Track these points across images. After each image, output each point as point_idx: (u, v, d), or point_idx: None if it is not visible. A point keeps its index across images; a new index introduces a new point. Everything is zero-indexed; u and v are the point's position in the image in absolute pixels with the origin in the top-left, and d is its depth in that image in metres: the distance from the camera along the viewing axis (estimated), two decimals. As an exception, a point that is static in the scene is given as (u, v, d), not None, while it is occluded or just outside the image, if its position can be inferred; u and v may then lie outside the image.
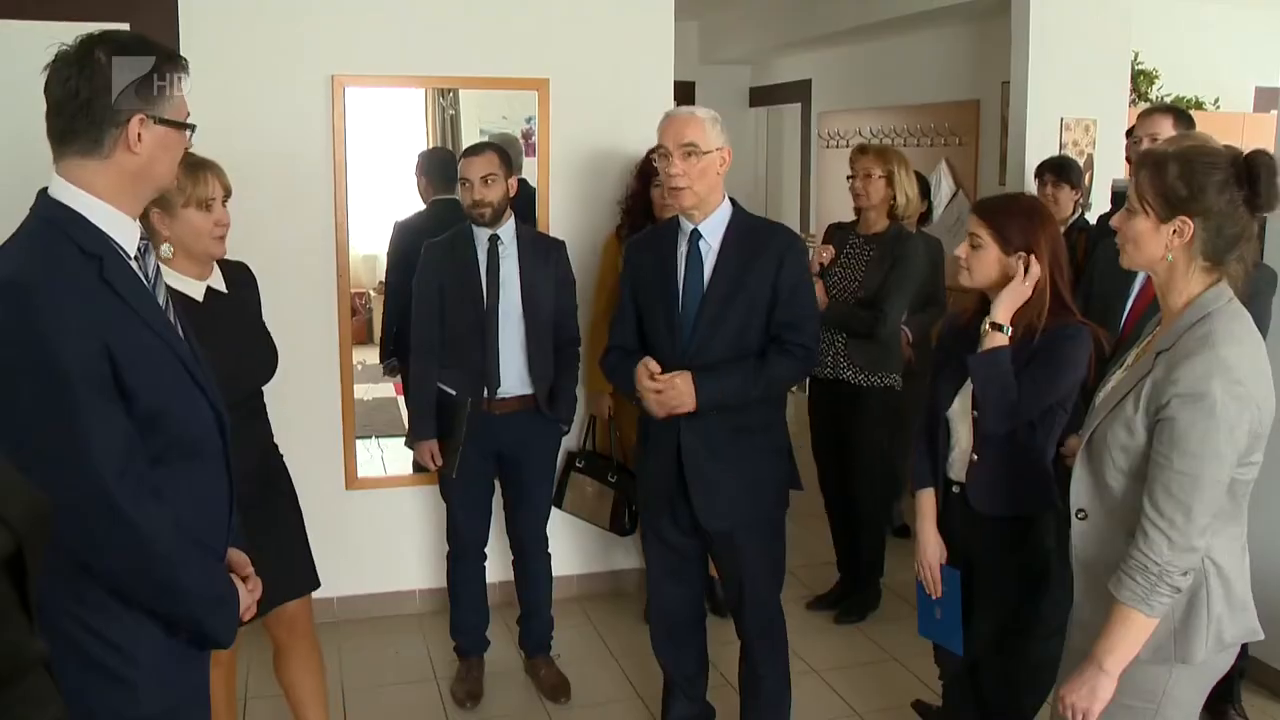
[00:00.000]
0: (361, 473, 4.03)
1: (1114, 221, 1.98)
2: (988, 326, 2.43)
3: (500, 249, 3.33)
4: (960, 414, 2.53)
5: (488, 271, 3.31)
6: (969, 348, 2.48)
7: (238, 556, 1.91)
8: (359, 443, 4.02)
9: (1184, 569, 1.81)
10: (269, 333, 2.78)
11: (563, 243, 3.55)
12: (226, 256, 2.59)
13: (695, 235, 2.72)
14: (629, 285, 2.89)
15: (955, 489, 2.58)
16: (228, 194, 2.54)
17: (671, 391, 2.64)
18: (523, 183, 4.02)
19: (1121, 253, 1.97)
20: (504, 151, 3.35)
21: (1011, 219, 2.43)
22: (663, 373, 2.68)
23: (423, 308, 3.37)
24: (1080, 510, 2.01)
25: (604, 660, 3.78)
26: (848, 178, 4.02)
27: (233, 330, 2.52)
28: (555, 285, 3.42)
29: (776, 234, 2.78)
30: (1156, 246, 1.89)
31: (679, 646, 3.03)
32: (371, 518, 4.07)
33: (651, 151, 3.78)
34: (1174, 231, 1.86)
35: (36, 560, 1.05)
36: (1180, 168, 1.85)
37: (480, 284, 3.31)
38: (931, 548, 2.60)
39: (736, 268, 2.68)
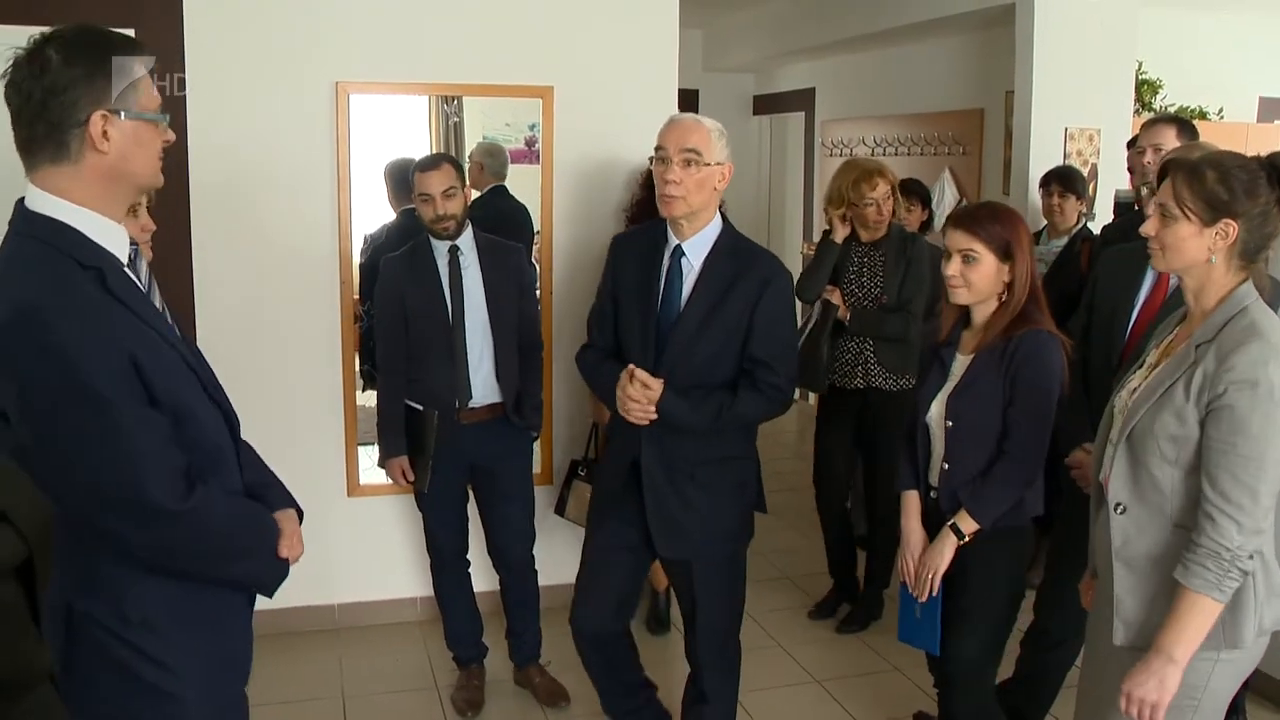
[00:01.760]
0: (363, 480, 4.02)
1: (1145, 229, 2.04)
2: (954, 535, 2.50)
3: (461, 259, 3.31)
4: (937, 419, 2.56)
5: (450, 283, 3.30)
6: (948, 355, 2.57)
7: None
8: (361, 449, 4.01)
9: (1251, 551, 1.88)
10: None
11: (521, 247, 3.53)
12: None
13: (678, 251, 2.63)
14: (610, 281, 2.80)
15: (933, 494, 2.60)
16: (151, 200, 2.54)
17: (646, 403, 2.53)
18: (502, 189, 4.02)
19: (1155, 257, 2.04)
20: (457, 163, 3.35)
21: (995, 225, 2.47)
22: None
23: (386, 324, 3.35)
24: (1119, 504, 2.04)
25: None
26: (865, 206, 3.89)
27: None
28: (517, 291, 3.40)
29: (761, 261, 2.64)
30: (1199, 250, 1.96)
31: (594, 660, 2.90)
32: (373, 525, 4.06)
33: None
34: (1218, 234, 1.95)
35: (46, 566, 1.05)
36: (1217, 173, 1.95)
37: (444, 296, 3.29)
38: (915, 543, 2.62)
39: (715, 293, 2.58)
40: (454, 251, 3.31)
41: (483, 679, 3.57)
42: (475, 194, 3.85)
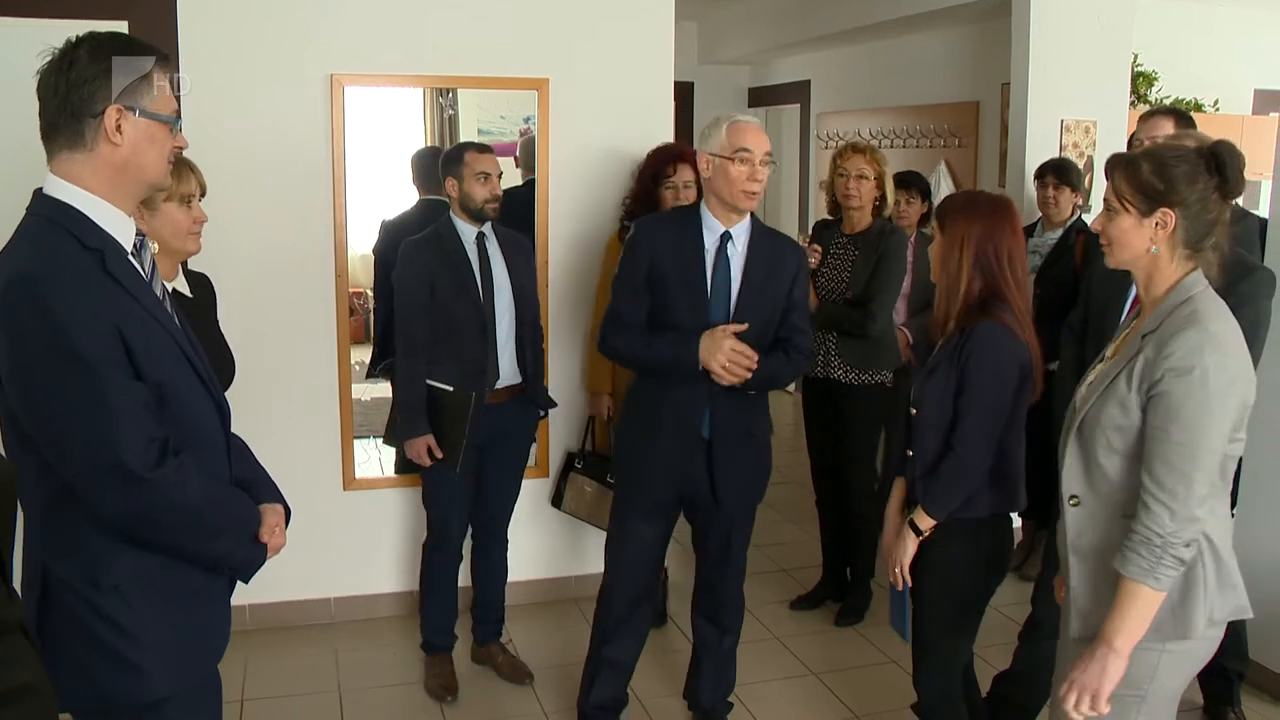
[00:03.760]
0: (359, 473, 4.02)
1: (1095, 225, 2.09)
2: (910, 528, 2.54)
3: (487, 244, 3.39)
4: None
5: (481, 267, 3.36)
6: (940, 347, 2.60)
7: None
8: (357, 443, 4.00)
9: (1186, 540, 1.86)
10: (226, 343, 2.84)
11: (529, 239, 3.64)
12: (195, 265, 2.71)
13: (726, 236, 2.89)
14: (643, 263, 2.91)
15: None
16: (203, 192, 2.64)
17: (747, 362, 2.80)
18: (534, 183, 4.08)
19: (1106, 253, 2.07)
20: None
21: (949, 212, 2.53)
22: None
23: (411, 306, 3.37)
24: (1073, 496, 2.05)
25: (602, 662, 3.77)
26: (838, 176, 3.98)
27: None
28: (532, 277, 3.56)
29: (791, 249, 3.02)
30: (1141, 241, 1.99)
31: (629, 629, 3.13)
32: (369, 518, 4.06)
33: (661, 150, 3.78)
34: (1157, 224, 1.97)
35: (8, 526, 1.08)
36: (1152, 164, 1.98)
37: (475, 279, 3.35)
38: (889, 531, 2.65)
39: (761, 276, 2.90)
40: (481, 238, 3.38)
41: (453, 665, 3.61)
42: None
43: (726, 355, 2.77)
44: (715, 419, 2.91)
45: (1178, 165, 1.95)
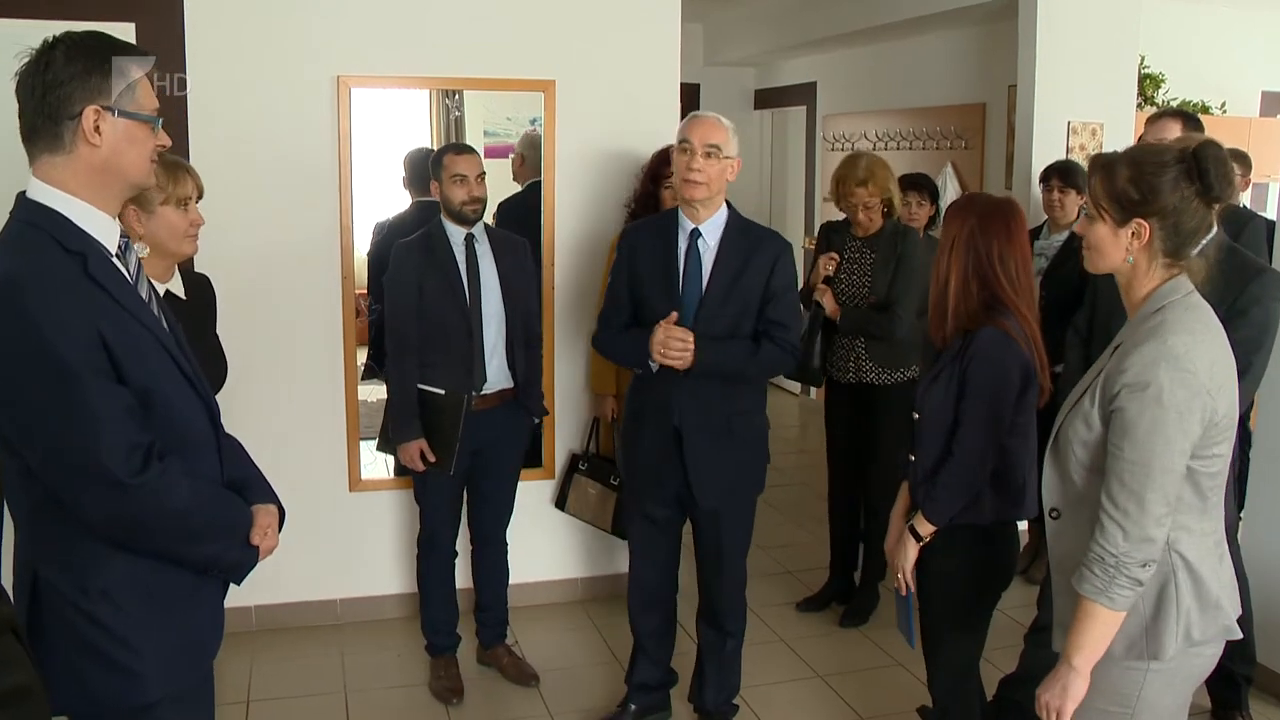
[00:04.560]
0: (365, 475, 4.02)
1: (1077, 228, 2.01)
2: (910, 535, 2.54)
3: (476, 247, 3.38)
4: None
5: (467, 270, 3.35)
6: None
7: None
8: (362, 444, 4.00)
9: (1142, 560, 1.81)
10: (220, 347, 2.83)
11: (526, 242, 3.61)
12: (199, 266, 2.70)
13: (695, 234, 2.95)
14: (625, 270, 3.04)
15: None
16: (201, 195, 2.62)
17: (679, 345, 2.84)
18: (539, 185, 4.08)
19: (1086, 259, 1.99)
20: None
21: (946, 213, 2.54)
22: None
23: (401, 308, 3.37)
24: (1053, 509, 2.03)
25: (608, 662, 3.77)
26: (850, 205, 3.96)
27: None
28: (524, 282, 3.51)
29: (770, 239, 3.03)
30: (1117, 250, 1.91)
31: (652, 612, 3.23)
32: (374, 520, 4.06)
33: (661, 152, 3.79)
34: (1132, 234, 1.89)
35: None
36: (1130, 171, 1.88)
37: (462, 282, 3.35)
38: (892, 535, 2.66)
39: (733, 269, 2.92)
40: (470, 239, 3.36)
41: (458, 667, 3.61)
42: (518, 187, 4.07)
43: (660, 342, 2.83)
44: (684, 409, 2.94)
45: (1155, 174, 1.85)
